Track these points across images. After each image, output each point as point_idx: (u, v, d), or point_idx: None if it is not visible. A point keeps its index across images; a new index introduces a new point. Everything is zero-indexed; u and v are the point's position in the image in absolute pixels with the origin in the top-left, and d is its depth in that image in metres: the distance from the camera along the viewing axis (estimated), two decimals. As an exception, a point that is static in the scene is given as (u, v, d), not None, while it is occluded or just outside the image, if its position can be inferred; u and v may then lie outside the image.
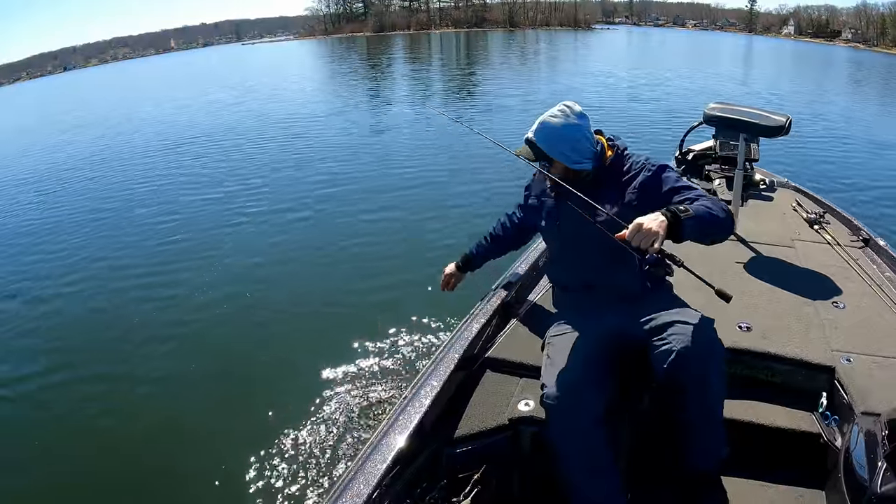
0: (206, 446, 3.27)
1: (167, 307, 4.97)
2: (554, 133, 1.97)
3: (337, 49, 53.76)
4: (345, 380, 3.62)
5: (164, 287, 5.38)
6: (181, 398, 3.74)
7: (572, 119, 1.97)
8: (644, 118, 12.96)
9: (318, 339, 4.21)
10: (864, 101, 19.26)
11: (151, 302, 5.07)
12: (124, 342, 4.45)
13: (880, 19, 77.53)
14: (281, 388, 3.62)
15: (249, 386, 3.76)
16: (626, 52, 40.52)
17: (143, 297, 5.19)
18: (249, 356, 4.09)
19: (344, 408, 3.34)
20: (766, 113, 3.18)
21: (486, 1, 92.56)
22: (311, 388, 3.56)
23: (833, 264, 2.97)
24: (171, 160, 11.09)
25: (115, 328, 4.69)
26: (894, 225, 6.14)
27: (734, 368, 2.14)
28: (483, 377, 2.15)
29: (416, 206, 7.19)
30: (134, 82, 37.92)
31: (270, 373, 3.84)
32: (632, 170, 2.01)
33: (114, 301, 5.19)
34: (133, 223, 7.43)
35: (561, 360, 1.85)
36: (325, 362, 3.78)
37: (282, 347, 4.14)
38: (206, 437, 3.36)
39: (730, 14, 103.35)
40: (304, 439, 3.16)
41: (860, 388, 1.93)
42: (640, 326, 1.90)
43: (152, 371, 4.05)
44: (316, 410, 3.38)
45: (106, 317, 4.93)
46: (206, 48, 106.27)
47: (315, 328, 4.41)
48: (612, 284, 2.04)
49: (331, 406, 3.38)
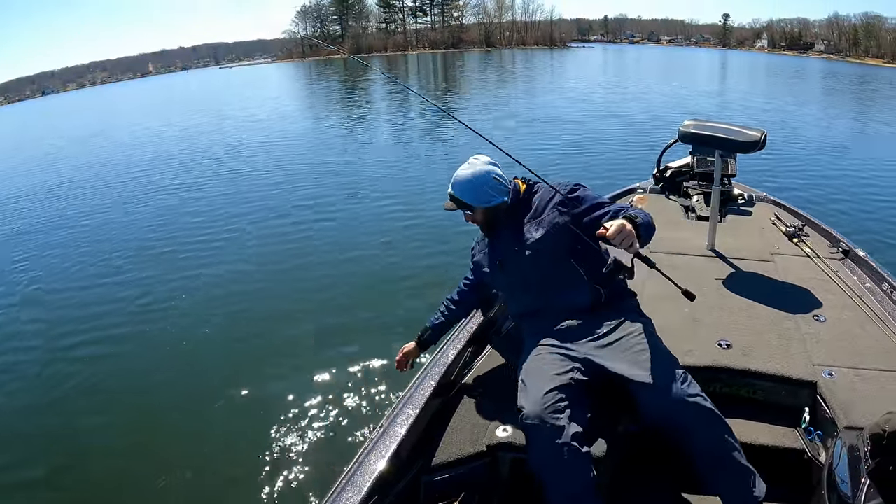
0: (179, 477, 3.12)
1: (139, 333, 4.87)
2: (465, 182, 2.19)
3: (314, 71, 53.86)
4: (319, 408, 3.52)
5: (133, 314, 5.25)
6: (146, 428, 3.60)
7: (478, 167, 2.21)
8: (620, 136, 12.69)
9: (292, 366, 4.04)
10: (839, 111, 19.29)
11: (129, 329, 4.97)
12: (104, 367, 4.39)
13: (852, 30, 79.15)
14: (253, 418, 3.48)
15: (220, 412, 3.61)
16: (601, 70, 40.64)
17: (122, 325, 5.08)
18: (220, 381, 3.94)
19: (318, 437, 3.25)
20: (740, 128, 3.12)
21: (463, 22, 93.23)
22: (283, 416, 3.44)
23: (813, 277, 2.97)
24: (145, 189, 10.50)
25: (96, 348, 4.67)
26: (874, 234, 6.17)
27: (714, 387, 2.16)
28: (460, 403, 2.13)
29: (396, 230, 7.01)
30: (112, 107, 37.18)
31: (241, 401, 3.69)
32: (546, 195, 2.21)
33: (100, 322, 5.15)
34: (108, 248, 7.25)
35: (536, 383, 1.87)
36: (298, 390, 3.69)
37: (254, 376, 3.94)
38: (177, 466, 3.18)
39: (704, 30, 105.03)
40: (278, 470, 3.06)
41: (843, 402, 1.93)
42: (606, 357, 1.93)
43: (114, 407, 3.90)
44: (289, 440, 3.27)
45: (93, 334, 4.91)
46: (184, 72, 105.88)
47: (289, 354, 4.22)
48: (561, 303, 2.11)
49: (305, 435, 3.28)
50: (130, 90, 60.43)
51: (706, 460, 1.77)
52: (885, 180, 8.95)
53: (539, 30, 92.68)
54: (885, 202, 7.64)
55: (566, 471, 1.72)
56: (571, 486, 1.71)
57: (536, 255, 2.12)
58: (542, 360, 1.99)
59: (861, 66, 61.87)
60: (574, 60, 55.08)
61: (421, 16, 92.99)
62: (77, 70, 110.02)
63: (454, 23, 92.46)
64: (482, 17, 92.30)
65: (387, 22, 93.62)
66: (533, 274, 2.14)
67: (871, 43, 76.53)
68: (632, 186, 4.64)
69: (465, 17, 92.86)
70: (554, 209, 2.16)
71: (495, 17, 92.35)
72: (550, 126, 14.09)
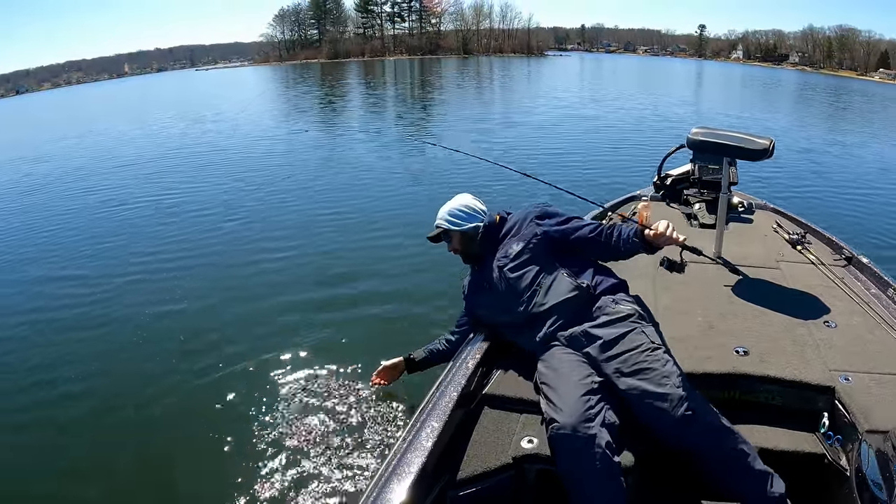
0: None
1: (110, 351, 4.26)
2: (445, 213, 2.49)
3: (291, 75, 52.68)
4: (336, 423, 3.18)
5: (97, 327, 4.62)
6: (154, 442, 3.22)
7: (455, 199, 2.54)
8: (605, 146, 12.17)
9: (304, 381, 3.60)
10: (816, 120, 19.52)
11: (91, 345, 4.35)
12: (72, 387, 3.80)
13: (826, 42, 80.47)
14: (264, 441, 3.09)
15: (227, 431, 3.18)
16: (579, 79, 40.23)
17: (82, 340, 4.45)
18: (230, 396, 3.51)
19: (336, 455, 2.95)
20: (749, 136, 3.11)
21: (440, 28, 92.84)
22: (297, 439, 3.09)
23: (819, 284, 3.00)
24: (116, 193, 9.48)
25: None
26: (873, 240, 6.11)
27: (733, 393, 2.18)
28: (482, 414, 2.11)
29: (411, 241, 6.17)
30: (87, 109, 35.23)
31: (252, 419, 3.28)
32: (521, 216, 2.42)
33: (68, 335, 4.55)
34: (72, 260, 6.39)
35: (561, 391, 1.89)
36: (312, 407, 3.33)
37: (265, 396, 3.49)
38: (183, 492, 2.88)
39: (680, 40, 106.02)
40: (299, 488, 2.75)
41: (862, 406, 1.94)
42: (613, 372, 1.96)
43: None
44: (305, 462, 2.92)
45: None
46: (160, 73, 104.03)
47: (298, 369, 3.74)
48: (553, 304, 2.18)
49: (321, 455, 2.95)
50: (104, 91, 58.54)
51: (722, 472, 1.80)
52: (876, 187, 9.03)
53: (516, 37, 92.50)
54: (880, 209, 7.67)
55: (600, 482, 1.71)
56: (605, 497, 1.71)
57: (519, 265, 2.27)
58: (560, 363, 2.03)
59: (835, 77, 62.95)
60: (551, 68, 54.85)
61: (399, 21, 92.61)
62: (52, 69, 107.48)
63: (432, 29, 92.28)
64: (460, 24, 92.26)
65: (364, 27, 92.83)
66: (519, 283, 2.25)
67: (844, 55, 77.86)
68: (633, 194, 4.64)
69: (443, 24, 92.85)
70: (531, 223, 2.35)
71: (473, 24, 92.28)
72: (530, 137, 13.43)
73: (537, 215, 2.38)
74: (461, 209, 2.48)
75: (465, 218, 2.45)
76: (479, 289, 2.43)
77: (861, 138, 14.91)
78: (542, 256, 2.28)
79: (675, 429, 1.81)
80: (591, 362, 2.02)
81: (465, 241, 2.44)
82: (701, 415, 1.82)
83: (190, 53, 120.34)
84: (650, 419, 1.87)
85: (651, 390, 1.86)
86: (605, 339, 2.03)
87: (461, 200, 2.52)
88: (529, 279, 2.24)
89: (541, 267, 2.25)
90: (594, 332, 2.07)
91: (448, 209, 2.50)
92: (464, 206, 2.49)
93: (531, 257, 2.28)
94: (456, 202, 2.52)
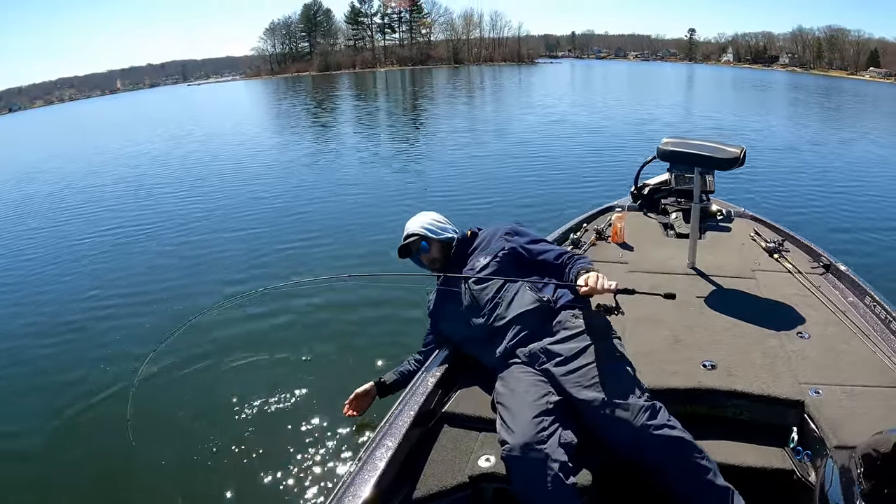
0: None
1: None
2: (419, 223, 2.53)
3: (283, 89, 52.37)
4: (289, 441, 3.09)
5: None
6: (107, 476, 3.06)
7: (426, 213, 2.59)
8: (591, 154, 12.02)
9: (261, 397, 3.49)
10: (808, 123, 19.23)
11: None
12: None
13: (816, 43, 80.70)
14: (215, 460, 3.01)
15: (178, 448, 3.12)
16: (569, 86, 40.07)
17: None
18: (181, 414, 3.43)
19: (291, 473, 2.87)
20: (719, 145, 3.04)
21: (431, 39, 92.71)
22: (251, 455, 3.01)
23: (795, 293, 2.95)
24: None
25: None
26: (853, 246, 5.91)
27: (699, 408, 2.13)
28: (441, 433, 2.08)
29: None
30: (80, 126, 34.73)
31: (205, 439, 3.15)
32: (490, 232, 2.47)
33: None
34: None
35: (514, 411, 1.87)
36: (269, 425, 3.25)
37: (218, 411, 3.42)
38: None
39: (670, 44, 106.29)
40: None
41: (831, 420, 1.90)
42: (572, 384, 1.94)
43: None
44: (258, 484, 2.83)
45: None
46: (152, 89, 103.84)
47: (254, 384, 3.65)
48: (514, 317, 2.17)
49: (275, 472, 2.87)
50: (96, 108, 57.98)
51: (682, 488, 1.76)
52: (859, 192, 8.73)
53: (507, 46, 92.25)
54: (862, 214, 7.41)
55: (553, 503, 1.68)
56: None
57: (484, 278, 2.28)
58: (517, 382, 2.01)
59: (825, 77, 63.15)
60: (542, 76, 54.65)
61: (389, 32, 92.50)
62: (44, 87, 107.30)
63: (422, 39, 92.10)
64: (450, 34, 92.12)
65: (355, 39, 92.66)
66: (483, 295, 2.27)
67: (834, 55, 78.13)
68: (609, 205, 4.56)
69: (434, 34, 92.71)
70: (500, 239, 2.40)
71: (463, 33, 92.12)
72: (517, 147, 13.18)
73: (507, 231, 2.42)
74: (436, 220, 2.55)
75: (441, 229, 2.52)
76: (445, 302, 2.43)
77: (853, 138, 14.74)
78: (508, 271, 2.31)
79: (635, 441, 1.78)
80: (549, 380, 2.01)
81: (444, 249, 2.48)
82: (661, 426, 1.78)
83: (182, 68, 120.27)
84: (609, 431, 1.84)
85: (611, 401, 1.84)
86: (564, 355, 2.01)
87: (431, 215, 2.59)
88: (493, 292, 2.26)
89: (505, 280, 2.27)
90: (553, 348, 2.06)
91: (423, 221, 2.54)
92: (435, 219, 2.56)
93: (496, 271, 2.31)
94: (427, 216, 2.57)
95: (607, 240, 3.86)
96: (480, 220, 2.76)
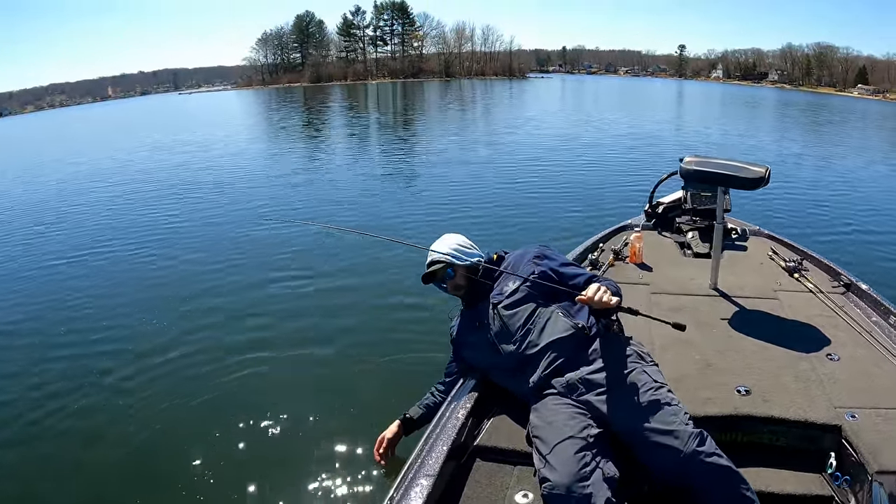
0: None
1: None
2: (444, 247, 2.39)
3: (274, 99, 52.00)
4: (318, 480, 2.90)
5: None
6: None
7: (451, 237, 2.46)
8: (594, 173, 11.69)
9: (282, 434, 3.31)
10: (802, 138, 19.47)
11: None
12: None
13: (805, 60, 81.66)
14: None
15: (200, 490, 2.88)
16: (560, 102, 40.12)
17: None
18: (202, 451, 3.16)
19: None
20: (744, 165, 2.97)
21: (423, 52, 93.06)
22: (279, 487, 2.85)
23: (819, 314, 2.90)
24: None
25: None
26: (872, 265, 5.82)
27: (735, 435, 2.10)
28: (474, 468, 2.02)
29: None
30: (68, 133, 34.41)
31: (224, 479, 2.95)
32: (518, 256, 2.38)
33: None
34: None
35: (554, 446, 1.82)
36: (292, 464, 3.05)
37: (243, 450, 3.20)
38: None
39: (660, 60, 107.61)
40: None
41: (870, 445, 1.87)
42: (614, 413, 1.91)
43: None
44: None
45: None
46: (143, 96, 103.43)
47: (276, 420, 3.43)
48: (547, 344, 2.10)
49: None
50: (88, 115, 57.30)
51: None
52: (872, 208, 8.67)
53: (498, 60, 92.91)
54: (878, 232, 7.34)
55: None
56: None
57: (515, 303, 2.20)
58: (554, 414, 1.95)
59: (814, 94, 63.84)
60: (533, 91, 54.73)
61: (381, 45, 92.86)
62: (35, 92, 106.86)
63: (414, 52, 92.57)
64: (442, 48, 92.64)
65: (347, 51, 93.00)
66: (513, 321, 2.18)
67: (823, 72, 79.04)
68: (624, 223, 4.52)
69: (425, 47, 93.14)
70: (529, 263, 2.30)
71: (455, 47, 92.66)
72: (519, 164, 12.85)
73: (536, 255, 2.33)
74: (461, 244, 2.43)
75: (467, 254, 2.39)
76: (471, 328, 2.34)
77: (848, 153, 14.81)
78: (538, 296, 2.22)
79: (682, 468, 1.75)
80: (589, 409, 1.95)
81: (469, 274, 2.36)
82: (711, 454, 1.76)
83: (173, 76, 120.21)
84: (657, 459, 1.81)
85: (659, 428, 1.81)
86: (606, 384, 1.97)
87: (456, 238, 2.47)
88: (524, 318, 2.18)
89: (536, 306, 2.19)
90: (593, 378, 2.00)
91: (448, 245, 2.41)
92: (461, 242, 2.44)
93: (527, 296, 2.22)
94: (452, 239, 2.45)
95: (625, 260, 3.79)
96: (482, 240, 2.64)
